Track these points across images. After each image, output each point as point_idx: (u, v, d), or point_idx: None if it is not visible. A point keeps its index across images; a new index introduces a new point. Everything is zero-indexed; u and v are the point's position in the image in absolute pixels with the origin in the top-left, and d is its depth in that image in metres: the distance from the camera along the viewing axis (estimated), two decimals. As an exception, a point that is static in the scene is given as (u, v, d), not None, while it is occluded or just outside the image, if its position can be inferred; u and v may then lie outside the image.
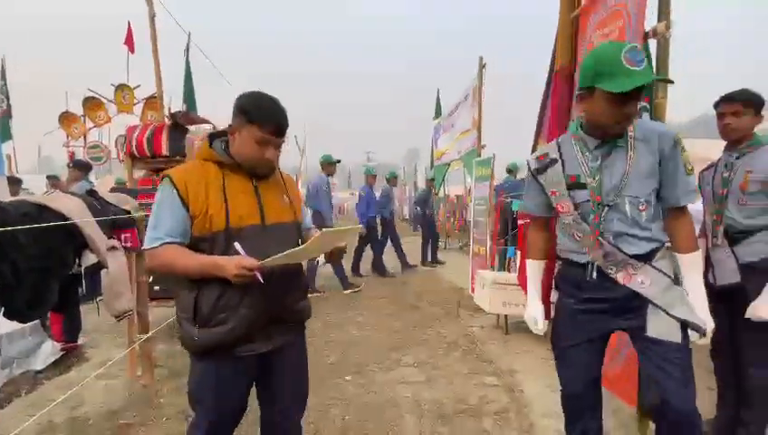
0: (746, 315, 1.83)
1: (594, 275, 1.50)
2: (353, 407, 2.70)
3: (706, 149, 3.16)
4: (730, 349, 2.00)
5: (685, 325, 1.43)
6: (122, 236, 2.76)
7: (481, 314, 4.42)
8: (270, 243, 1.36)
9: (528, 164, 1.69)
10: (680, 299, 1.45)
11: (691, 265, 1.49)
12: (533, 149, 3.72)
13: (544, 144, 3.39)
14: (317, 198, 5.91)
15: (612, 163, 1.46)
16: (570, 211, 1.52)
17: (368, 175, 7.53)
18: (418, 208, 9.10)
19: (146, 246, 1.36)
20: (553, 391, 2.22)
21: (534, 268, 1.74)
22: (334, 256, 1.56)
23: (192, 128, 3.92)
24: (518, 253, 3.92)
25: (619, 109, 1.37)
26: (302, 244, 1.42)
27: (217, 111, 2.93)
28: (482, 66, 5.85)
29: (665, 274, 1.46)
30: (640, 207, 1.44)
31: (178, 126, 3.68)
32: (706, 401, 2.32)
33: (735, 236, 1.94)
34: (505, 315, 4.01)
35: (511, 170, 7.75)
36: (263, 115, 1.36)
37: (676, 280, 1.49)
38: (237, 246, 1.32)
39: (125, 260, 2.54)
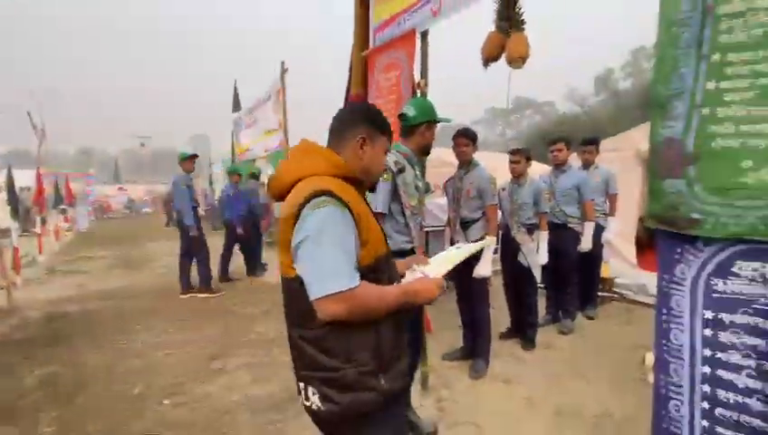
0: (473, 275, 2.91)
1: None
2: (181, 428, 2.64)
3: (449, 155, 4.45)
4: (467, 297, 3.14)
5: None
6: None
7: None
8: None
9: None
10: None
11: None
12: None
13: None
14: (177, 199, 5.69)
15: None
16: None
17: (232, 173, 7.19)
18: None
19: (336, 288, 1.02)
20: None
21: None
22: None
23: None
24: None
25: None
26: None
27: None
28: (283, 71, 6.07)
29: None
30: None
31: None
32: (460, 336, 3.45)
33: (465, 224, 3.04)
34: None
35: None
36: (387, 125, 1.33)
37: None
38: (418, 266, 1.35)
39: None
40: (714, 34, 1.35)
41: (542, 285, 3.85)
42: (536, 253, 3.33)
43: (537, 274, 3.30)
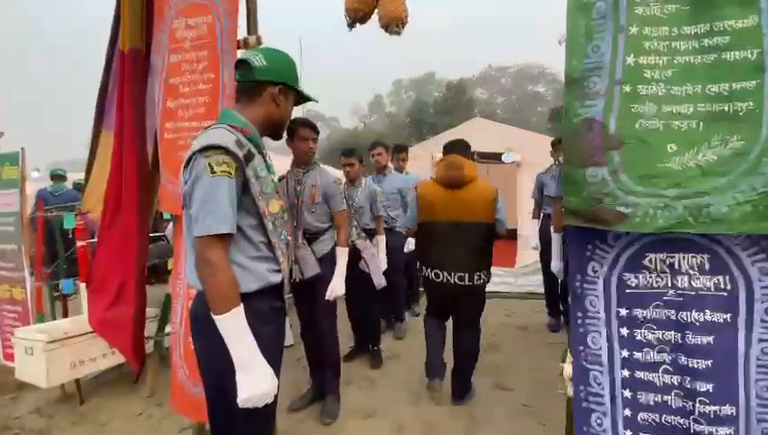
0: (326, 296, 2.33)
1: None
2: None
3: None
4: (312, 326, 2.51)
5: None
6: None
7: (32, 391, 2.97)
8: None
9: None
10: None
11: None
12: (95, 138, 2.87)
13: (108, 131, 2.70)
14: None
15: None
16: None
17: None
18: None
19: None
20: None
21: None
22: None
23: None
24: (81, 285, 2.89)
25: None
26: None
27: None
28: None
29: None
30: None
31: None
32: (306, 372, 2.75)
33: (311, 237, 2.40)
34: (77, 380, 2.79)
35: (59, 175, 5.76)
36: None
37: None
38: None
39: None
40: (630, 5, 1.23)
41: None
42: (377, 258, 3.02)
43: (379, 281, 2.99)
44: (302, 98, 1.43)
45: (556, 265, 2.67)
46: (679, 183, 1.19)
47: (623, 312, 1.30)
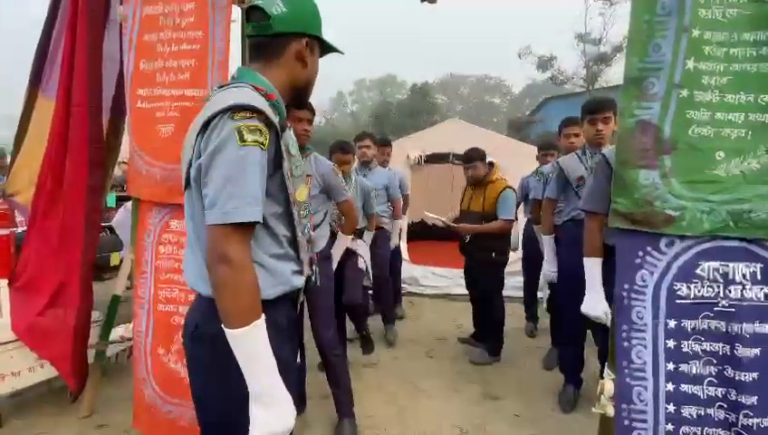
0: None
1: None
2: None
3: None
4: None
5: None
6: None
7: None
8: None
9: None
10: None
11: None
12: (28, 103, 2.34)
13: (48, 99, 2.21)
14: None
15: None
16: None
17: None
18: None
19: None
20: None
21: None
22: None
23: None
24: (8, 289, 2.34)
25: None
26: None
27: None
28: None
29: None
30: None
31: None
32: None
33: None
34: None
35: None
36: None
37: None
38: None
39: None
40: (695, 5, 1.19)
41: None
42: (368, 254, 2.83)
43: (371, 279, 2.80)
44: (325, 50, 1.12)
45: (549, 269, 2.63)
46: (724, 189, 1.20)
47: (672, 323, 1.26)
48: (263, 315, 0.90)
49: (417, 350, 3.39)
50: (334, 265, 2.23)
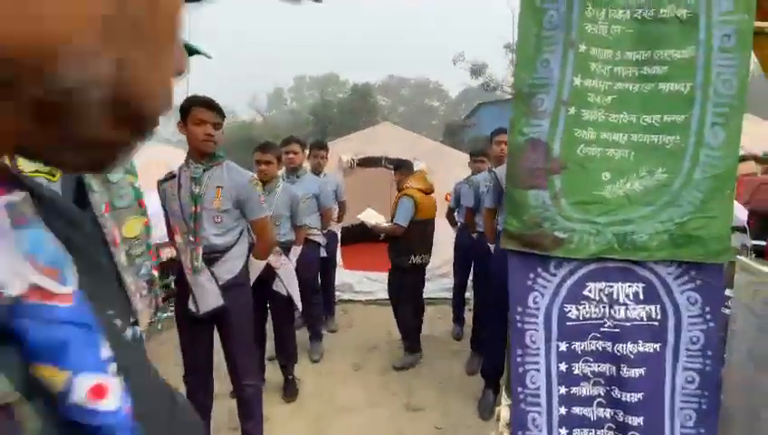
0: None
1: None
2: None
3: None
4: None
5: None
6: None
7: None
8: None
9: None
10: None
11: None
12: None
13: None
14: None
15: None
16: None
17: None
18: None
19: None
20: None
21: None
22: None
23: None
24: None
25: None
26: None
27: None
28: None
29: None
30: None
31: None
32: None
33: (212, 257, 1.80)
34: None
35: None
36: None
37: None
38: None
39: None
40: (581, 20, 1.15)
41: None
42: (294, 276, 2.58)
43: (298, 304, 2.57)
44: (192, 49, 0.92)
45: None
46: (609, 210, 1.20)
47: (563, 346, 1.23)
48: None
49: (344, 363, 3.25)
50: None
